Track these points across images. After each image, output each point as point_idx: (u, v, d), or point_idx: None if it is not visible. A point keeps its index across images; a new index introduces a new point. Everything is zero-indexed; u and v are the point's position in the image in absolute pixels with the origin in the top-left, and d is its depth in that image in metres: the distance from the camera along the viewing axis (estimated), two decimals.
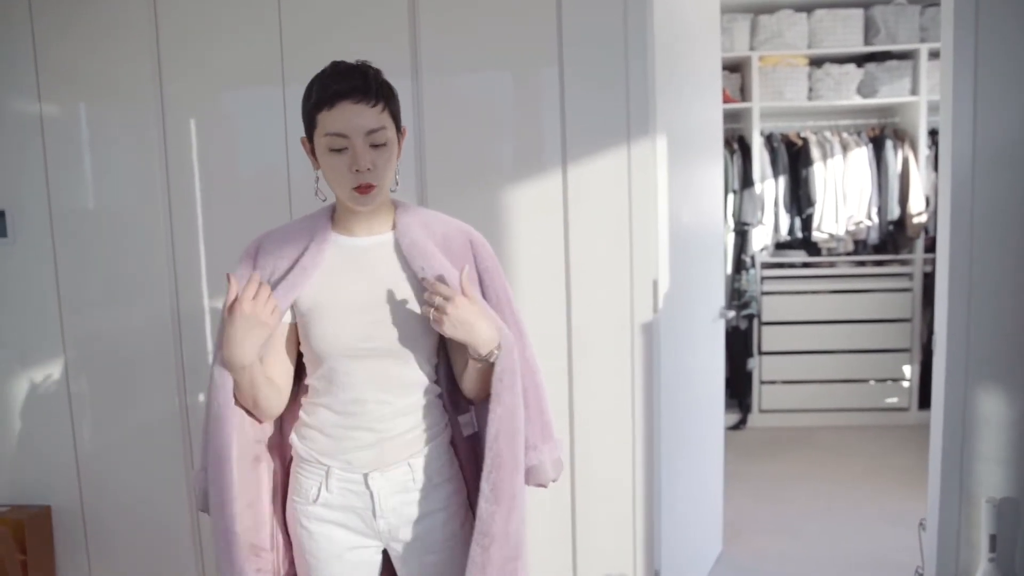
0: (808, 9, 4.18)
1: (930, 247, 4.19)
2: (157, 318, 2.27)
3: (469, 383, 1.36)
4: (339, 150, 1.26)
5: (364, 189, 1.27)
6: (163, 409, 2.30)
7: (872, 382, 4.31)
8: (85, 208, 2.28)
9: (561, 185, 2.10)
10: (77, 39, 2.20)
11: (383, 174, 1.28)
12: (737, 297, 4.18)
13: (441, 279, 1.30)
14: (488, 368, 1.31)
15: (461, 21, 2.09)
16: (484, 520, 1.29)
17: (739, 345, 4.18)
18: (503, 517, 1.29)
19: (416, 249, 1.33)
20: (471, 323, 1.25)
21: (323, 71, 1.30)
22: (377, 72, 1.30)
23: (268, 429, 1.42)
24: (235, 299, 1.24)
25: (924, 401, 4.21)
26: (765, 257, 4.31)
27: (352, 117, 1.24)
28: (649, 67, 2.06)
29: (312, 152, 1.32)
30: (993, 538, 2.04)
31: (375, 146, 1.27)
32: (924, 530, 2.23)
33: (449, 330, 1.24)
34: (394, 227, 1.37)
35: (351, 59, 1.30)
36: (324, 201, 1.38)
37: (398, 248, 1.36)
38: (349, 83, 1.25)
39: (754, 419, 4.33)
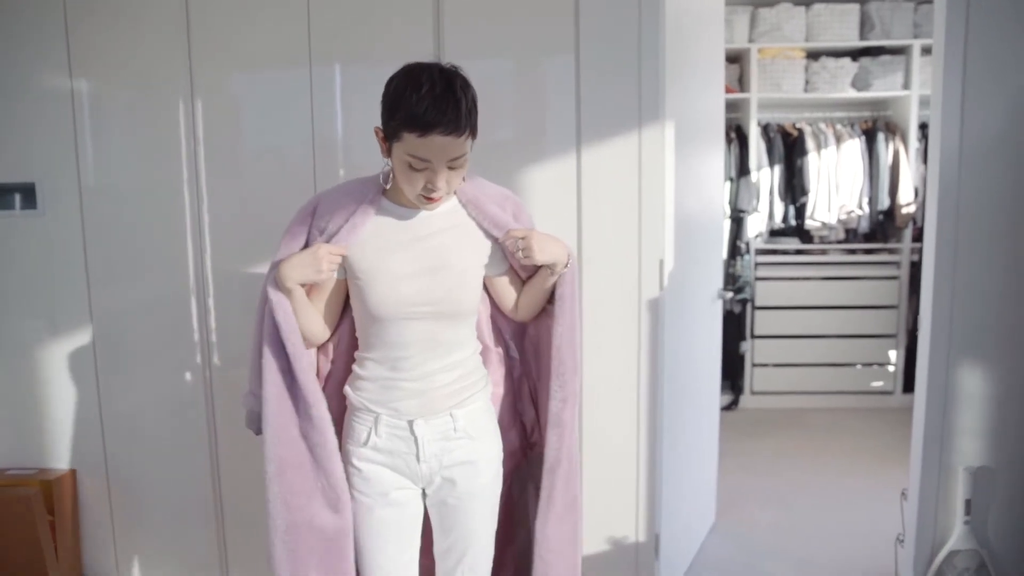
0: (806, 3, 4.28)
1: (918, 237, 4.32)
2: (181, 289, 2.34)
3: (533, 301, 1.58)
4: (419, 170, 1.33)
5: (433, 200, 1.38)
6: (186, 377, 2.38)
7: (859, 366, 4.45)
8: (113, 182, 2.33)
9: (575, 168, 2.19)
10: (108, 16, 2.24)
11: (453, 187, 1.39)
12: (732, 282, 4.30)
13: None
14: (550, 284, 1.55)
15: (484, 8, 2.16)
16: (556, 412, 1.54)
17: (732, 328, 4.31)
18: (570, 409, 1.54)
19: (490, 216, 1.49)
20: (549, 244, 1.47)
21: (416, 83, 1.29)
22: (468, 94, 1.32)
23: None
24: (324, 244, 1.42)
25: (908, 385, 4.35)
26: (759, 244, 4.42)
27: (440, 148, 1.29)
28: (661, 57, 2.14)
29: (385, 141, 1.37)
30: (968, 503, 2.19)
31: (453, 168, 1.34)
32: (906, 499, 2.37)
33: (540, 257, 1.45)
34: (456, 195, 1.49)
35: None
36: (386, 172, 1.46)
37: (464, 218, 1.49)
38: (444, 116, 1.27)
39: (746, 400, 4.48)
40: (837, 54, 4.36)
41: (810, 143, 4.34)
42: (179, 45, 2.24)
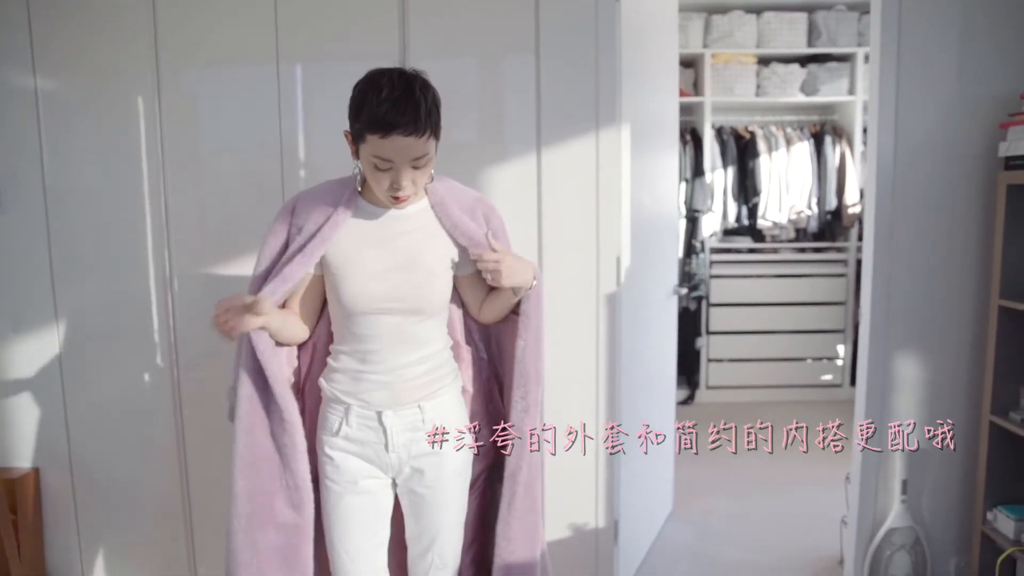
0: (757, 11, 4.43)
1: (863, 236, 4.52)
2: (147, 287, 2.35)
3: (496, 311, 1.63)
4: (384, 170, 1.38)
5: (400, 199, 1.44)
6: (151, 375, 2.38)
7: (810, 360, 4.62)
8: (77, 181, 2.33)
9: (536, 167, 2.26)
10: (73, 14, 2.24)
11: (419, 186, 1.45)
12: (688, 279, 4.43)
13: (476, 243, 1.53)
14: (513, 302, 1.60)
15: (447, 9, 2.21)
16: (517, 422, 1.59)
17: (688, 325, 4.42)
18: (531, 419, 1.59)
19: (453, 222, 1.53)
20: (519, 269, 1.52)
21: (377, 86, 1.34)
22: (428, 96, 1.36)
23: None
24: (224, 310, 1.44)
25: (856, 378, 4.53)
26: (714, 243, 4.55)
27: (401, 148, 1.35)
28: (617, 60, 2.23)
29: (353, 144, 1.43)
30: (904, 483, 2.33)
31: (416, 167, 1.40)
32: (849, 483, 2.51)
33: (507, 283, 1.51)
34: (427, 195, 1.55)
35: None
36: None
37: (432, 218, 1.54)
38: (403, 117, 1.32)
39: (702, 395, 4.61)
40: (786, 60, 4.52)
41: (762, 145, 4.49)
42: (145, 42, 2.25)
